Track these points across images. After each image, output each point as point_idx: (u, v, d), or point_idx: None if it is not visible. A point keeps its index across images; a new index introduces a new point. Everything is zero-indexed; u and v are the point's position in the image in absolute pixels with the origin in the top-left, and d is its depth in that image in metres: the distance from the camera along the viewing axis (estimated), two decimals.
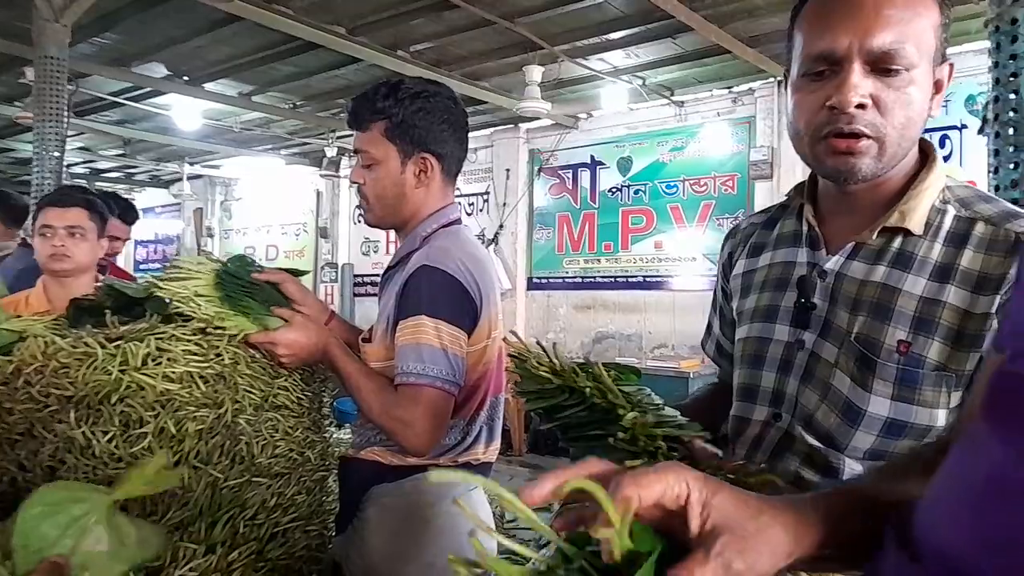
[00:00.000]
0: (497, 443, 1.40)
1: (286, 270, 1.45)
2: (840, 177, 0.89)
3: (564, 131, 6.75)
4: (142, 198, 10.75)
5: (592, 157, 6.71)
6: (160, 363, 1.23)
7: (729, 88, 5.89)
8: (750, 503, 0.56)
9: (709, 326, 1.20)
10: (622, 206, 6.56)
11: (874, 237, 0.90)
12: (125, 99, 6.18)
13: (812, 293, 0.93)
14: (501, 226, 7.12)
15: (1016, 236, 0.83)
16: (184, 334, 1.29)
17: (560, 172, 6.97)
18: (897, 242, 0.89)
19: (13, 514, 1.08)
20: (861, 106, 0.83)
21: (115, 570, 0.90)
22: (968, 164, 4.96)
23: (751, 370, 1.00)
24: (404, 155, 1.30)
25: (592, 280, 6.75)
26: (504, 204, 7.13)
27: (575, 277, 6.86)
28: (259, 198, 9.81)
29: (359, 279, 8.63)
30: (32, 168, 3.36)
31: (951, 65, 0.87)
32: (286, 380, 1.41)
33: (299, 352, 1.27)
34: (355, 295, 8.59)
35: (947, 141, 5.06)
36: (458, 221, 1.36)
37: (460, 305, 1.24)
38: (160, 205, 11.23)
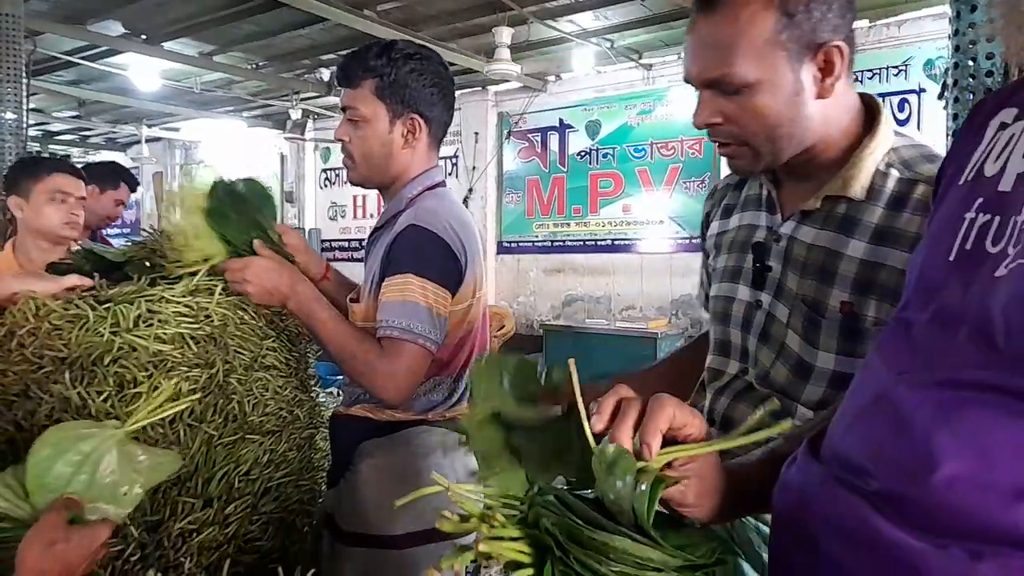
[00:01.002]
0: None
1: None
2: (735, 171, 1.02)
3: (533, 94, 6.72)
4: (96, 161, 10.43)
5: (561, 120, 6.70)
6: (151, 325, 1.25)
7: None
8: (717, 464, 0.73)
9: (702, 280, 1.26)
10: (591, 170, 6.59)
11: (818, 204, 0.96)
12: (80, 59, 5.95)
13: (768, 256, 1.00)
14: (470, 190, 7.10)
15: None
16: (173, 296, 1.31)
17: (529, 135, 6.96)
18: (841, 207, 0.94)
19: (23, 459, 1.10)
20: (713, 123, 0.93)
21: (131, 495, 0.92)
22: (926, 128, 5.10)
23: (722, 327, 1.08)
24: (393, 114, 1.32)
25: (561, 244, 6.80)
26: (473, 168, 7.10)
27: (545, 241, 6.91)
28: (221, 161, 9.59)
29: (326, 244, 8.55)
30: None
31: (838, 47, 0.90)
32: (274, 341, 1.44)
33: (265, 284, 1.25)
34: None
35: (906, 105, 5.18)
36: (442, 184, 1.39)
37: (447, 265, 1.28)
38: None
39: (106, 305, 1.24)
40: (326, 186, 8.75)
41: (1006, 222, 0.56)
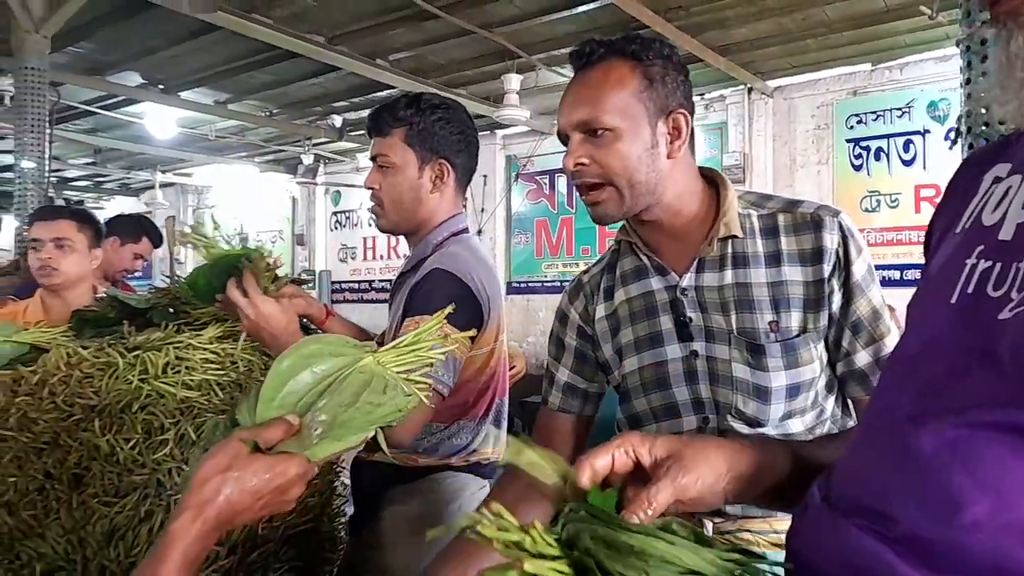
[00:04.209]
0: (504, 443, 1.45)
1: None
2: (597, 221, 1.10)
3: (540, 137, 6.83)
4: (111, 207, 10.58)
5: None
6: (179, 371, 1.26)
7: (701, 95, 6.03)
8: (685, 438, 0.76)
9: (552, 379, 1.24)
10: None
11: (714, 249, 1.07)
12: (98, 107, 6.11)
13: (684, 309, 1.09)
14: (480, 231, 7.17)
15: (811, 216, 1.05)
16: (201, 343, 1.32)
17: (537, 177, 7.05)
18: (729, 248, 1.07)
19: (53, 507, 1.09)
20: (581, 164, 1.05)
21: (356, 423, 0.82)
22: (932, 168, 5.15)
23: (660, 392, 1.12)
24: (422, 160, 1.37)
25: (568, 284, 6.83)
26: (482, 210, 7.18)
27: (554, 281, 6.94)
28: (233, 206, 9.73)
29: (336, 285, 8.61)
30: (15, 180, 3.32)
31: (684, 115, 1.07)
32: None
33: (270, 325, 1.24)
34: (333, 302, 8.56)
35: (911, 146, 5.24)
36: (466, 230, 1.42)
37: (467, 310, 1.29)
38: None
39: (135, 352, 1.26)
40: (336, 228, 8.85)
41: (1007, 268, 0.58)
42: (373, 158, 1.40)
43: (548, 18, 4.44)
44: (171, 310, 1.52)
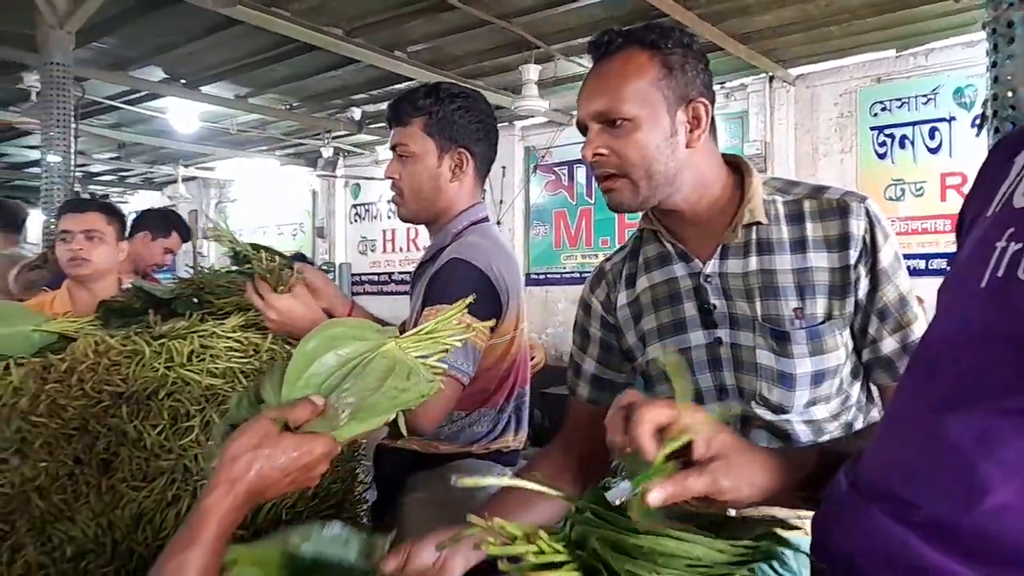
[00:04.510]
0: (524, 431, 1.46)
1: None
2: (613, 209, 1.10)
3: (559, 128, 6.81)
4: (135, 201, 10.73)
5: None
6: (203, 359, 1.28)
7: (722, 84, 5.96)
8: (743, 443, 0.77)
9: (578, 369, 1.24)
10: None
11: (738, 236, 1.07)
12: (122, 103, 6.18)
13: (707, 296, 1.08)
14: (498, 223, 7.17)
15: (837, 202, 1.04)
16: (224, 331, 1.34)
17: (555, 169, 7.03)
18: (753, 234, 1.07)
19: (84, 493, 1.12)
20: (600, 154, 1.06)
21: (381, 407, 0.83)
22: (958, 155, 5.06)
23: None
24: (441, 150, 1.37)
25: (590, 274, 6.82)
26: (500, 201, 7.18)
27: (573, 272, 6.93)
28: (254, 199, 9.82)
29: (356, 278, 8.66)
30: (41, 174, 3.38)
31: (704, 104, 1.06)
32: None
33: (292, 320, 1.27)
34: (353, 294, 8.63)
35: (936, 133, 5.15)
36: (485, 219, 1.43)
37: (486, 299, 1.30)
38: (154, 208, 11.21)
39: (161, 340, 1.29)
40: (356, 221, 8.90)
41: None
42: (393, 147, 1.40)
43: (566, 8, 4.42)
44: (195, 300, 1.54)
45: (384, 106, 6.78)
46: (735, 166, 1.13)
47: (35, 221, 6.17)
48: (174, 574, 0.69)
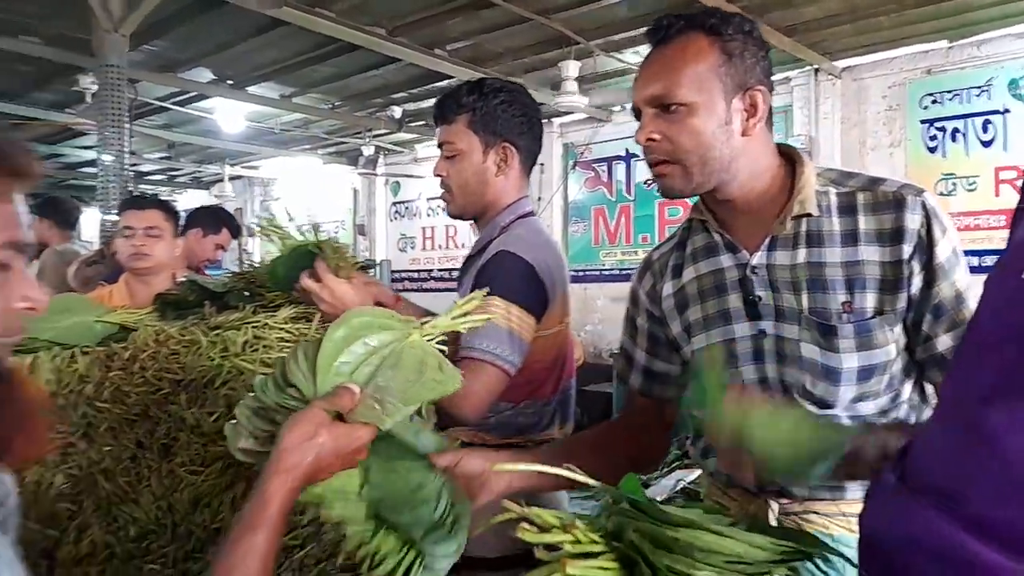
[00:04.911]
0: (571, 424, 1.47)
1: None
2: (664, 194, 1.10)
3: (598, 124, 6.78)
4: (183, 199, 11.03)
5: (627, 150, 6.72)
6: (256, 349, 1.33)
7: None
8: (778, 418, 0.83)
9: (629, 359, 1.26)
10: (658, 198, 6.57)
11: (787, 227, 1.05)
12: (171, 103, 6.36)
13: (753, 288, 1.07)
14: None
15: (892, 195, 1.02)
16: (276, 323, 1.39)
17: (594, 165, 7.01)
18: (803, 226, 1.05)
19: (146, 476, 1.17)
20: (653, 140, 1.05)
21: (420, 397, 0.87)
22: (1013, 149, 4.89)
23: (728, 369, 1.11)
24: (486, 145, 1.39)
25: (629, 272, 6.78)
26: (539, 198, 7.18)
27: (612, 269, 6.90)
28: (297, 197, 10.01)
29: (396, 274, 8.77)
30: (97, 174, 3.51)
31: (761, 92, 1.06)
32: None
33: (345, 305, 1.28)
34: (393, 290, 8.72)
35: (990, 126, 4.99)
36: (531, 213, 1.44)
37: (533, 291, 1.31)
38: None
39: (216, 331, 1.33)
40: (396, 219, 9.00)
41: None
42: (440, 145, 1.43)
43: (606, 2, 4.40)
44: (246, 293, 1.59)
45: (424, 104, 6.86)
46: (788, 156, 1.11)
47: (90, 219, 6.41)
48: (243, 558, 0.74)
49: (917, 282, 1.00)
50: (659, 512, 0.66)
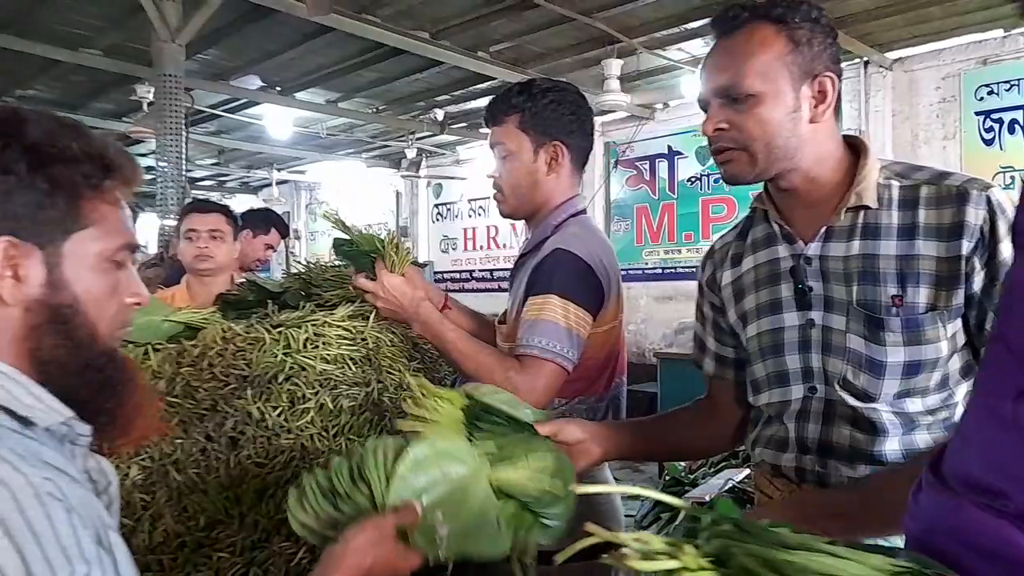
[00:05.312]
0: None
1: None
2: (728, 181, 1.10)
3: (640, 123, 6.75)
4: (233, 204, 11.31)
5: (669, 147, 6.68)
6: (317, 347, 1.37)
7: None
8: None
9: (702, 345, 1.28)
10: (702, 195, 6.51)
11: (842, 218, 1.05)
12: (222, 111, 6.55)
13: (805, 278, 1.08)
14: None
15: (956, 189, 1.00)
16: (335, 320, 1.43)
17: (637, 163, 6.97)
18: (860, 218, 1.05)
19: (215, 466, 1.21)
20: (720, 130, 1.06)
21: (464, 544, 0.88)
22: None
23: (775, 358, 1.12)
24: (537, 144, 1.41)
25: (672, 271, 6.72)
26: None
27: (655, 268, 6.85)
28: (342, 200, 10.19)
29: (439, 275, 8.86)
30: (156, 180, 3.64)
31: (831, 78, 1.05)
32: (418, 363, 1.54)
33: (400, 299, 1.34)
34: None
35: None
36: (584, 211, 1.46)
37: (589, 288, 1.33)
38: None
39: (279, 329, 1.38)
40: (438, 220, 9.09)
41: None
42: (492, 147, 1.45)
43: (649, 0, 4.38)
44: (302, 293, 1.64)
45: (466, 106, 6.92)
46: (854, 147, 1.10)
47: (145, 223, 6.64)
48: None
49: (979, 280, 0.97)
50: (770, 534, 0.63)
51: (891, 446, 1.03)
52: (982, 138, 5.08)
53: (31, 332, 0.70)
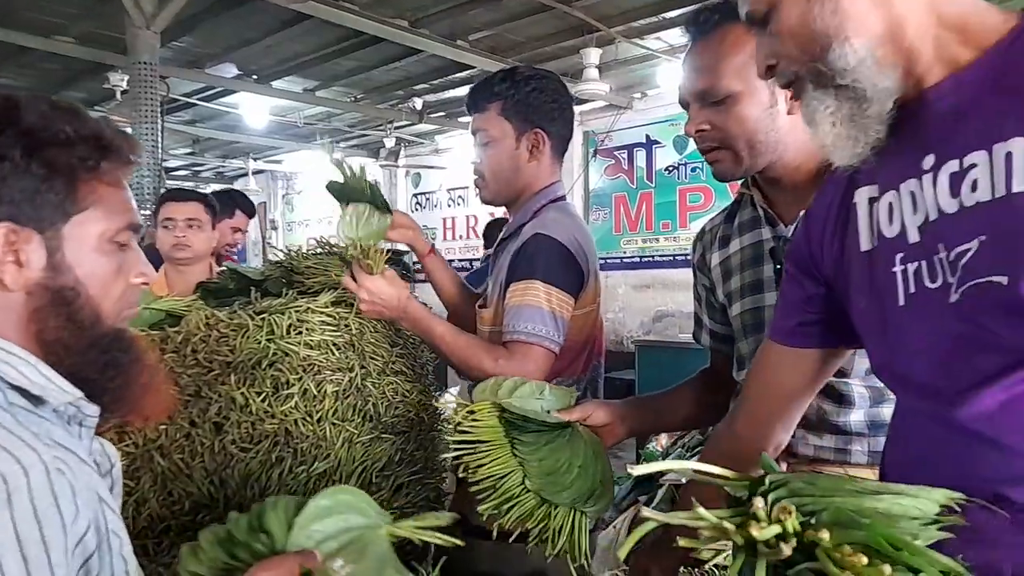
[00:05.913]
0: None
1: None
2: (718, 178, 1.16)
3: (618, 112, 6.77)
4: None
5: (647, 136, 6.72)
6: (300, 332, 1.38)
7: None
8: None
9: (699, 321, 1.36)
10: (679, 184, 6.56)
11: None
12: (197, 99, 6.47)
13: (783, 258, 1.11)
14: None
15: None
16: (318, 307, 1.44)
17: (615, 153, 7.01)
18: None
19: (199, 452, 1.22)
20: (702, 131, 1.11)
21: None
22: None
23: (757, 336, 1.16)
24: (519, 131, 1.43)
25: (650, 259, 6.78)
26: None
27: (633, 257, 6.91)
28: (319, 190, 10.09)
29: (418, 265, 8.83)
30: None
31: None
32: (402, 349, 1.56)
33: (383, 300, 1.35)
34: (415, 281, 8.80)
35: None
36: (563, 198, 1.48)
37: (570, 271, 1.36)
38: None
39: (262, 315, 1.39)
40: (417, 210, 9.06)
41: (932, 263, 0.70)
42: (474, 133, 1.47)
43: None
44: (283, 281, 1.65)
45: (444, 95, 6.88)
46: None
47: None
48: None
49: None
50: (847, 483, 0.61)
51: (856, 417, 1.08)
52: None
53: (35, 315, 0.71)
